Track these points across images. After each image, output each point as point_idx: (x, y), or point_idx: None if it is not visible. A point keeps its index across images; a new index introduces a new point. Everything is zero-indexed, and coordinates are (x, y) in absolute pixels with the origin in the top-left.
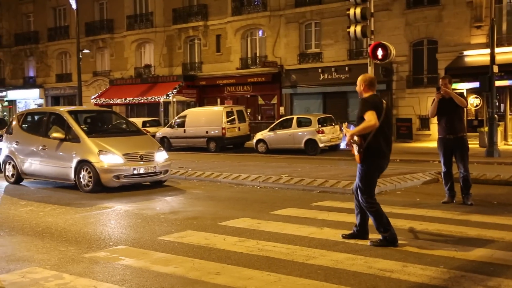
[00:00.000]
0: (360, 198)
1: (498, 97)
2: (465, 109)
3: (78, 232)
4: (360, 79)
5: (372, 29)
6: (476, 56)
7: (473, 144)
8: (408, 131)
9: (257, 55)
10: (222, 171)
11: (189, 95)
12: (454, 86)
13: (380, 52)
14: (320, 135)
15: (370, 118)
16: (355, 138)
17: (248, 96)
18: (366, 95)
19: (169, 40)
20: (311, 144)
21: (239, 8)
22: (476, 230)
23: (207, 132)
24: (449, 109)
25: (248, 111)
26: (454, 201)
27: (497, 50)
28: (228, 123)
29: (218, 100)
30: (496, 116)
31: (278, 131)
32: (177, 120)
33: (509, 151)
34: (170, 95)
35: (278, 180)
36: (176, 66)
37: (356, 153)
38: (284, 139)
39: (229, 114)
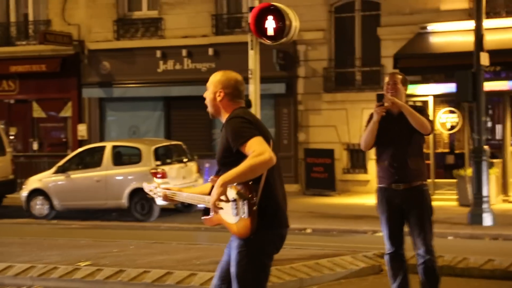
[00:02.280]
0: None
1: (490, 111)
2: (428, 136)
3: None
4: (217, 80)
5: None
6: (450, 35)
7: (447, 199)
8: (328, 173)
9: (30, 19)
10: None
11: None
12: (411, 90)
13: (271, 24)
14: (160, 180)
15: (259, 148)
16: (232, 191)
17: (12, 101)
18: (229, 110)
19: None
20: (141, 200)
21: None
22: None
23: None
24: (398, 134)
25: (12, 134)
26: None
27: (488, 23)
28: None
29: None
30: (486, 147)
31: (74, 173)
32: None
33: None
34: None
35: (71, 273)
36: None
37: (232, 219)
38: (87, 189)
39: None
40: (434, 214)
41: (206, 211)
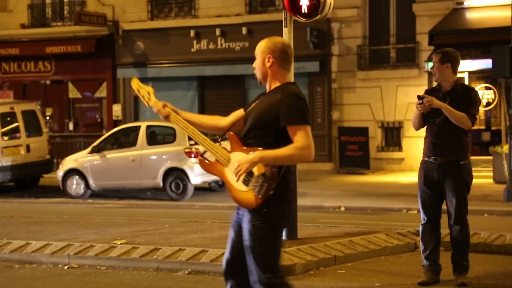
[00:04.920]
0: (254, 282)
1: None
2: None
3: None
4: (264, 46)
5: None
6: (487, 10)
7: (483, 177)
8: (362, 152)
9: (65, 0)
10: None
11: None
12: None
13: (305, 1)
14: (194, 160)
15: (306, 142)
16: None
17: (48, 82)
18: (278, 77)
19: None
20: (175, 179)
21: None
22: None
23: None
24: (443, 112)
25: (48, 114)
26: (438, 278)
27: None
28: (5, 138)
29: None
30: None
31: (109, 153)
32: None
33: None
34: None
35: (107, 251)
36: None
37: (238, 184)
38: (122, 168)
39: (5, 119)
40: (468, 189)
41: (204, 153)
